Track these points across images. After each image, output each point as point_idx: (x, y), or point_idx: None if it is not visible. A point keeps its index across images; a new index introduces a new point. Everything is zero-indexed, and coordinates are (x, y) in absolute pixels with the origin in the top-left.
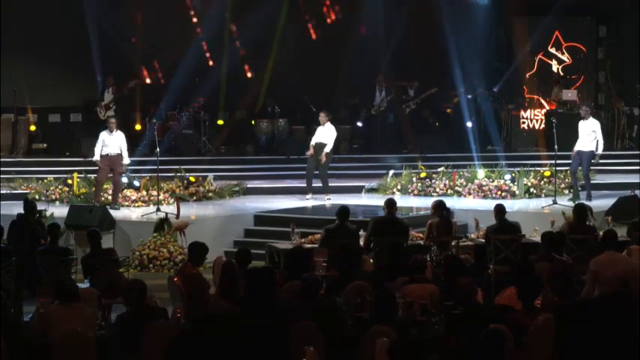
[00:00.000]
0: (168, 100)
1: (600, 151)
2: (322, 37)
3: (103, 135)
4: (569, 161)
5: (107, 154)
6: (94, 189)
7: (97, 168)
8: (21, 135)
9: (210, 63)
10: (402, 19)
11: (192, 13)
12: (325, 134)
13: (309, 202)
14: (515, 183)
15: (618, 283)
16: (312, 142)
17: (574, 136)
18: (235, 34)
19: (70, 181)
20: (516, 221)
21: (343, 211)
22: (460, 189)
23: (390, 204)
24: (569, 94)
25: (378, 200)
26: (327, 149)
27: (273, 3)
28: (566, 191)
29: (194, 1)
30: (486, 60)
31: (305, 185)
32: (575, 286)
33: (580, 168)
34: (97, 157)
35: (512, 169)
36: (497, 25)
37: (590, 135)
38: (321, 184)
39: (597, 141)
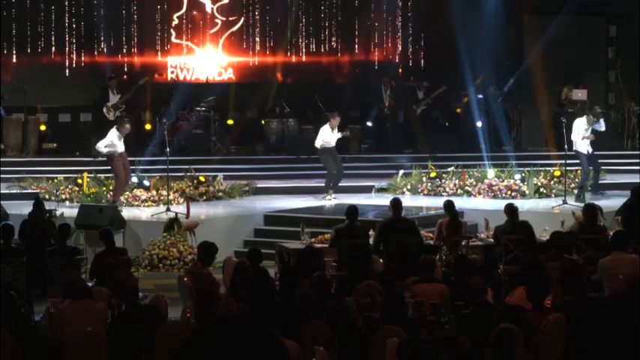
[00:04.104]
0: (178, 99)
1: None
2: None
3: (115, 136)
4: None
5: (121, 154)
6: (111, 189)
7: (107, 167)
8: (31, 134)
9: None
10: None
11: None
12: (335, 137)
13: (323, 202)
14: (525, 183)
15: (626, 283)
16: (333, 142)
17: None
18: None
19: (80, 181)
20: (524, 219)
21: (352, 210)
22: (470, 189)
23: (395, 205)
24: (579, 94)
25: (388, 200)
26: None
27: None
28: (576, 191)
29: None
30: (497, 59)
31: (324, 186)
32: (585, 285)
33: (591, 168)
34: (104, 151)
35: (522, 168)
36: (508, 23)
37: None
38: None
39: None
